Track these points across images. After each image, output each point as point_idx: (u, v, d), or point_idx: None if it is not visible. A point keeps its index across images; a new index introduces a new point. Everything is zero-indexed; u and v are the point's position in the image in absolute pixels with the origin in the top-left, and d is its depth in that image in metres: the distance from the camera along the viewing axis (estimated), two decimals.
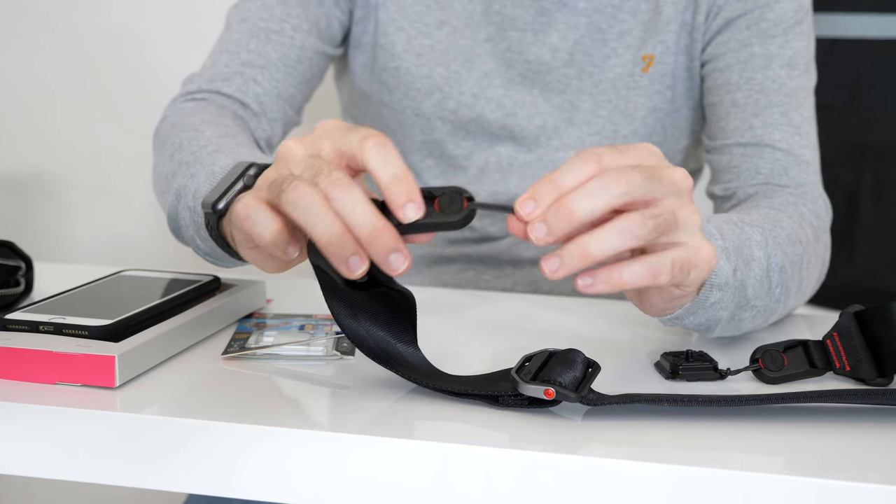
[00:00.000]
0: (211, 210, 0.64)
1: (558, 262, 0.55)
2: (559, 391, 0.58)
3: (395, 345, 0.63)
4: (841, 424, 0.61)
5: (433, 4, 1.04)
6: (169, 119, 0.93)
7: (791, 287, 0.76)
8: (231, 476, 0.57)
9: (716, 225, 0.69)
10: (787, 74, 0.98)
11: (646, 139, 1.05)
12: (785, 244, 0.76)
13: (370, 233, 0.53)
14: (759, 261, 0.71)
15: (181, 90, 0.98)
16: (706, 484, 0.53)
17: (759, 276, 0.71)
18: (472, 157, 1.07)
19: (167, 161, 0.83)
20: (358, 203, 0.54)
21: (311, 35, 1.02)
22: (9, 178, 1.86)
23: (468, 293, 0.93)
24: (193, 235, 0.74)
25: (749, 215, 0.78)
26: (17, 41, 1.81)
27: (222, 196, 0.64)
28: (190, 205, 0.73)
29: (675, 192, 0.57)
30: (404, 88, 1.05)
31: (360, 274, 0.54)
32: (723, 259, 0.67)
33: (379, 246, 0.53)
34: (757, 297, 0.71)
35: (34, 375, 0.62)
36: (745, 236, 0.72)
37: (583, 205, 0.54)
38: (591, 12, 1.03)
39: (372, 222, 0.54)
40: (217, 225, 0.66)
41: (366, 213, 0.54)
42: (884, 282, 1.60)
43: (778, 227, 0.77)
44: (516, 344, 0.74)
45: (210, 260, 0.76)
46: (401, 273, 0.54)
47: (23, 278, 0.81)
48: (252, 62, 0.98)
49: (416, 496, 0.55)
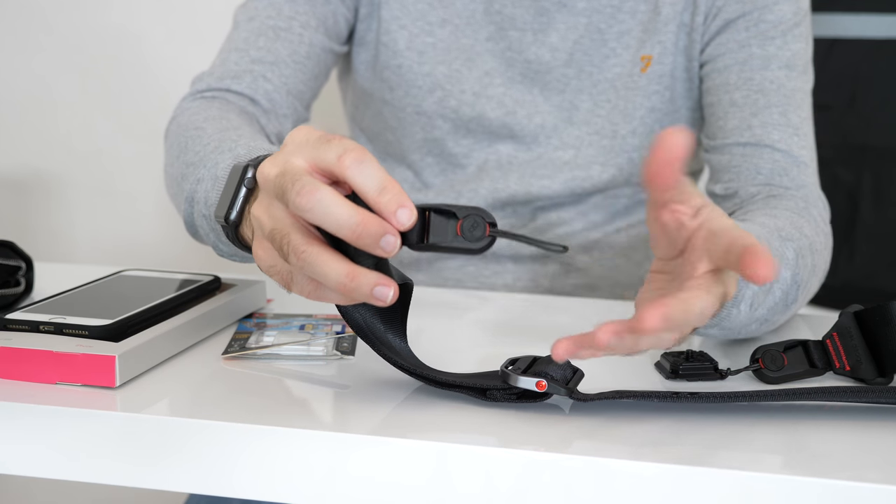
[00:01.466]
0: (225, 223, 0.64)
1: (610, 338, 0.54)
2: (551, 384, 0.58)
3: (383, 331, 0.63)
4: (841, 424, 0.61)
5: (435, 3, 1.04)
6: (177, 119, 0.93)
7: (800, 297, 0.78)
8: (231, 476, 0.57)
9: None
10: (786, 75, 0.98)
11: (645, 139, 1.05)
12: (808, 255, 0.78)
13: (354, 229, 0.53)
14: (784, 281, 0.73)
15: (191, 89, 0.98)
16: (706, 483, 0.53)
17: (778, 298, 0.73)
18: (472, 156, 1.07)
19: (174, 162, 0.84)
20: (330, 205, 0.53)
21: (318, 32, 1.02)
22: (9, 178, 1.86)
23: (467, 293, 0.93)
24: (216, 241, 0.74)
25: (778, 220, 0.79)
26: (17, 40, 1.81)
27: (231, 207, 0.64)
28: (204, 213, 0.73)
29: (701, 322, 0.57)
30: (406, 86, 1.05)
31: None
32: (745, 304, 0.69)
33: (367, 237, 0.53)
34: (771, 312, 0.74)
35: (34, 375, 0.62)
36: (778, 255, 0.73)
37: (637, 347, 0.56)
38: (590, 12, 1.03)
39: (353, 219, 0.53)
40: (235, 231, 0.66)
41: (342, 211, 0.53)
42: (884, 282, 1.60)
43: (803, 238, 0.79)
44: (515, 344, 0.74)
45: (237, 259, 0.76)
46: (394, 254, 0.54)
47: (23, 278, 0.81)
48: (261, 59, 0.98)
49: (416, 496, 0.55)
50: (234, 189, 0.64)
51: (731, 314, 0.69)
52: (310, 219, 0.54)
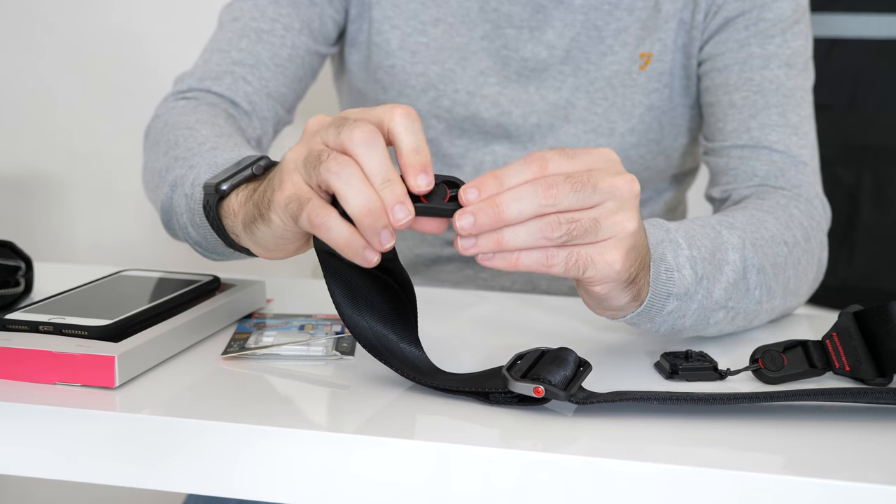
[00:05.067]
0: (214, 191, 0.66)
1: (473, 240, 0.58)
2: (548, 389, 0.58)
3: (396, 343, 0.64)
4: (841, 424, 0.61)
5: (428, 2, 1.04)
6: (162, 117, 0.93)
7: (775, 288, 0.78)
8: (231, 476, 0.57)
9: (687, 233, 0.71)
10: (786, 74, 0.98)
11: (643, 137, 1.05)
12: (766, 245, 0.78)
13: (383, 181, 0.56)
14: (734, 264, 0.73)
15: (172, 89, 0.98)
16: (706, 483, 0.53)
17: (732, 279, 0.73)
18: (468, 156, 1.07)
19: (161, 157, 0.83)
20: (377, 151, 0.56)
21: (302, 34, 1.02)
22: (9, 178, 1.86)
23: (466, 293, 0.93)
24: (186, 223, 0.74)
25: (732, 217, 0.80)
26: (17, 41, 1.81)
27: (227, 179, 0.66)
28: (187, 192, 0.73)
29: (613, 198, 0.60)
30: (399, 86, 1.05)
31: (388, 248, 0.57)
32: (687, 269, 0.69)
33: (389, 193, 0.56)
34: (731, 298, 0.73)
35: (34, 375, 0.62)
36: (721, 240, 0.74)
37: (510, 207, 0.58)
38: (587, 9, 1.03)
39: (390, 175, 0.56)
40: (217, 210, 0.67)
41: (383, 162, 0.56)
42: (884, 282, 1.60)
43: (761, 229, 0.79)
44: (514, 343, 0.74)
45: (199, 250, 0.76)
46: (401, 226, 0.56)
47: (23, 278, 0.81)
48: (242, 61, 0.98)
49: (416, 496, 0.55)
50: (238, 168, 0.67)
51: (672, 278, 0.68)
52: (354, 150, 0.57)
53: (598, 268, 0.61)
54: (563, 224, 0.58)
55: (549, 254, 0.59)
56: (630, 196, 0.60)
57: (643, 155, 1.06)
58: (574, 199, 0.58)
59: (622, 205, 0.60)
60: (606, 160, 0.61)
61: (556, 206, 0.58)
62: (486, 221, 0.57)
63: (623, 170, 0.61)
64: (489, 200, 0.58)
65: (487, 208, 0.57)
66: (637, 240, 0.62)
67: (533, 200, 0.58)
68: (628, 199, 0.60)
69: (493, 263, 0.59)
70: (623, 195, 0.60)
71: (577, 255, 0.60)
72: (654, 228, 0.70)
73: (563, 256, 0.59)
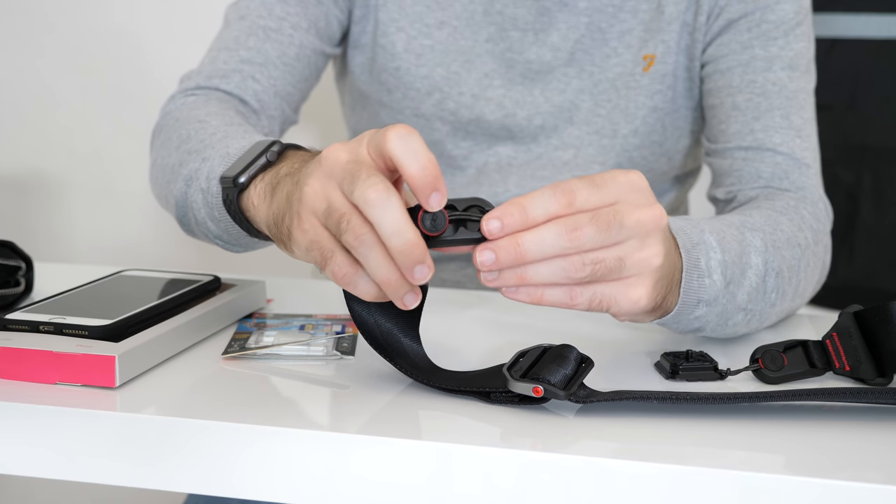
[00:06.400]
0: (232, 184, 0.65)
1: (496, 273, 0.58)
2: (548, 389, 0.58)
3: (400, 338, 0.64)
4: (841, 424, 0.61)
5: (433, 5, 1.04)
6: (172, 114, 0.92)
7: (787, 291, 0.78)
8: (231, 476, 0.57)
9: (718, 234, 0.71)
10: (788, 76, 0.98)
11: (646, 138, 1.05)
12: (784, 248, 0.78)
13: (401, 246, 0.55)
14: (757, 267, 0.73)
15: (179, 87, 0.98)
16: (706, 483, 0.53)
17: (754, 283, 0.73)
18: (472, 158, 1.07)
19: (173, 152, 0.83)
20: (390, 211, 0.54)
21: (309, 33, 1.02)
22: (9, 178, 1.86)
23: (467, 293, 0.93)
24: (205, 218, 0.74)
25: (751, 217, 0.79)
26: (17, 41, 1.81)
27: (245, 170, 0.65)
28: (203, 186, 0.73)
29: (638, 235, 0.59)
30: (404, 89, 1.05)
31: (415, 304, 0.57)
32: (717, 273, 0.68)
33: (407, 258, 0.55)
34: (751, 301, 0.73)
35: (34, 375, 0.62)
36: (746, 242, 0.73)
37: (532, 249, 0.57)
38: (591, 12, 1.03)
39: (404, 236, 0.55)
40: (238, 202, 0.66)
41: (396, 222, 0.55)
42: (884, 282, 1.60)
43: (778, 231, 0.79)
44: (515, 341, 0.74)
45: (220, 244, 0.76)
46: (423, 283, 0.56)
47: (23, 278, 0.81)
48: (250, 59, 0.98)
49: (416, 496, 0.55)
50: (253, 157, 0.66)
51: (703, 284, 0.68)
52: (369, 212, 0.55)
53: (621, 306, 0.61)
54: (588, 266, 0.58)
55: (573, 293, 0.59)
56: (656, 230, 0.60)
57: (646, 156, 1.06)
58: (599, 238, 0.58)
59: (647, 241, 0.60)
60: (634, 189, 0.60)
61: (580, 248, 0.57)
62: (507, 260, 0.57)
63: (652, 200, 0.60)
64: (511, 240, 0.57)
65: (509, 247, 0.57)
66: (664, 270, 0.62)
67: (556, 243, 0.57)
68: (654, 232, 0.60)
69: (518, 297, 0.59)
70: (648, 230, 0.60)
71: (602, 295, 0.60)
72: (689, 228, 0.69)
73: (587, 296, 0.59)
